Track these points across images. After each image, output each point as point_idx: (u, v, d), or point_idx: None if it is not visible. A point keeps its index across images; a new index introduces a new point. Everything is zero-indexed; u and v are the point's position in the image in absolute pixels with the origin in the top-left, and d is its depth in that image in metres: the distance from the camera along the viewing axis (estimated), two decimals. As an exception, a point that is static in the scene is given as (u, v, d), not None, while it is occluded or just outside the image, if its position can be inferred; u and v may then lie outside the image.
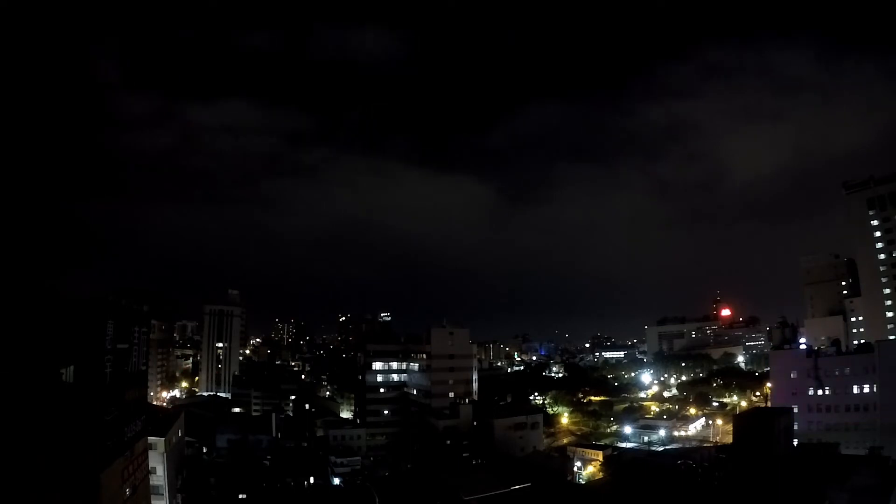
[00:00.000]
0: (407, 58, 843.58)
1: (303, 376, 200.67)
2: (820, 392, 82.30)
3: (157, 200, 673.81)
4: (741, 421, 76.24)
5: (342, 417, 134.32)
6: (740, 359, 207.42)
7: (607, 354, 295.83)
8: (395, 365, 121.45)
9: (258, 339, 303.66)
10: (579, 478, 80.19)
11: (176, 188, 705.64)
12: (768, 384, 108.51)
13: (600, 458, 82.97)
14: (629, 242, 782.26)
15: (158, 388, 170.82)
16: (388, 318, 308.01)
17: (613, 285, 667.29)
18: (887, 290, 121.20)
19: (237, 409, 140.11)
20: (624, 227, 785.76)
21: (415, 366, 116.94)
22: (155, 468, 51.68)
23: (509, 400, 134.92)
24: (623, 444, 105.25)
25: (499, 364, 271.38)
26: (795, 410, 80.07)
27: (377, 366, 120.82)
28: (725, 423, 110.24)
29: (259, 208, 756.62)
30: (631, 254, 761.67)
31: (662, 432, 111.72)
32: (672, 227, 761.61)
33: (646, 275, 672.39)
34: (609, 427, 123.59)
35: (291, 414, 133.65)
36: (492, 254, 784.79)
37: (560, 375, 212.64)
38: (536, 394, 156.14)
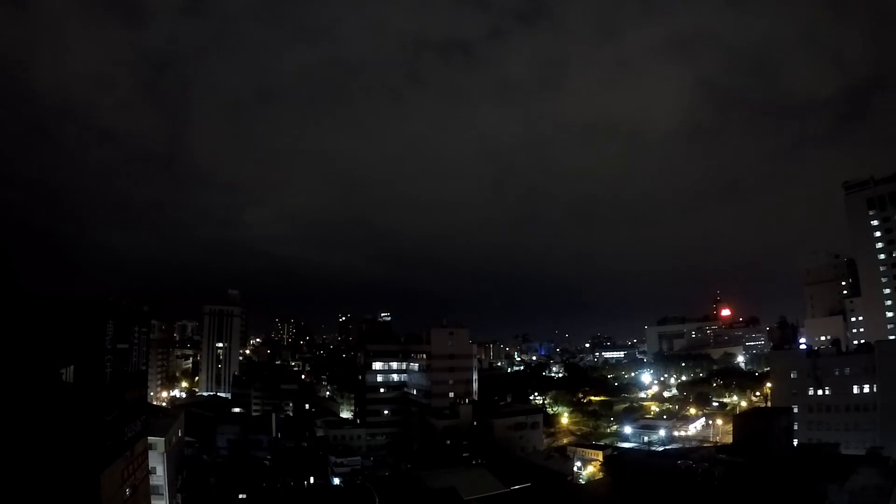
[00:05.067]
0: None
1: (303, 376, 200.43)
2: (820, 392, 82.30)
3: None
4: (741, 421, 76.54)
5: (342, 417, 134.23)
6: (740, 359, 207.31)
7: (607, 354, 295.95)
8: (395, 365, 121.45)
9: (258, 339, 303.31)
10: (579, 478, 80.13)
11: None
12: (768, 384, 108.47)
13: (600, 458, 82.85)
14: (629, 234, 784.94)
15: (158, 388, 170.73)
16: (388, 318, 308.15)
17: (614, 285, 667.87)
18: (887, 290, 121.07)
19: (237, 409, 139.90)
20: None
21: (415, 366, 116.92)
22: (155, 468, 51.55)
23: (509, 400, 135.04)
24: (623, 444, 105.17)
25: (499, 364, 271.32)
26: (795, 410, 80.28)
27: (377, 366, 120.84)
28: (725, 423, 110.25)
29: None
30: (630, 249, 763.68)
31: (662, 432, 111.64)
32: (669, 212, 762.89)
33: (646, 274, 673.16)
34: (609, 427, 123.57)
35: (291, 414, 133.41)
36: (492, 253, 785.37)
37: (560, 375, 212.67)
38: (536, 394, 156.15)
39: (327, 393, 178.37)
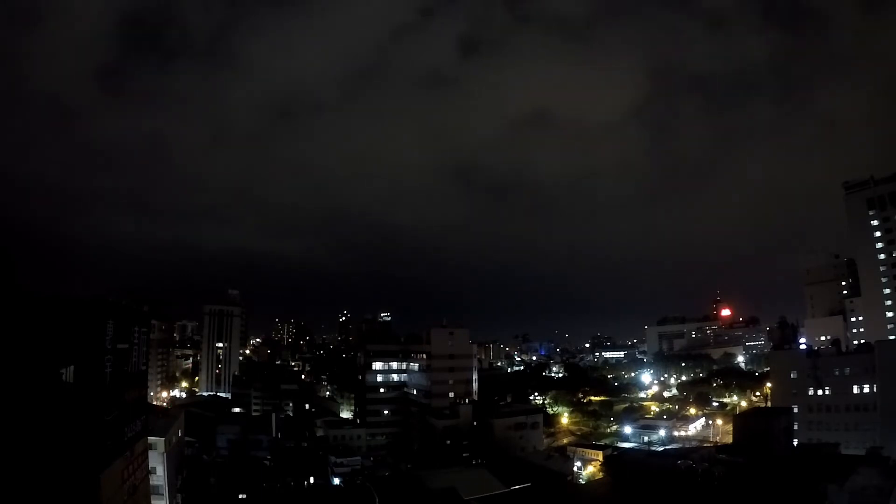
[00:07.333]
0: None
1: (303, 376, 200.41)
2: (820, 392, 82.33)
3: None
4: (741, 421, 76.62)
5: (342, 417, 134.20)
6: (740, 359, 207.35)
7: (607, 354, 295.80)
8: (395, 365, 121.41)
9: (258, 339, 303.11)
10: (579, 478, 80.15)
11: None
12: (768, 384, 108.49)
13: (600, 458, 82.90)
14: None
15: (158, 388, 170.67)
16: (388, 318, 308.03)
17: (613, 285, 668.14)
18: (887, 290, 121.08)
19: (237, 409, 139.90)
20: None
21: (415, 366, 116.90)
22: (155, 468, 51.49)
23: (509, 400, 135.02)
24: (623, 444, 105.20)
25: (499, 364, 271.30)
26: (795, 410, 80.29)
27: (377, 366, 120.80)
28: (725, 423, 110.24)
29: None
30: (630, 246, 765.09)
31: (662, 432, 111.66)
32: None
33: (645, 274, 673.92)
34: (609, 427, 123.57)
35: (291, 414, 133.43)
36: (491, 253, 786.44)
37: (560, 375, 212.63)
38: (536, 394, 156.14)
39: (327, 393, 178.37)
